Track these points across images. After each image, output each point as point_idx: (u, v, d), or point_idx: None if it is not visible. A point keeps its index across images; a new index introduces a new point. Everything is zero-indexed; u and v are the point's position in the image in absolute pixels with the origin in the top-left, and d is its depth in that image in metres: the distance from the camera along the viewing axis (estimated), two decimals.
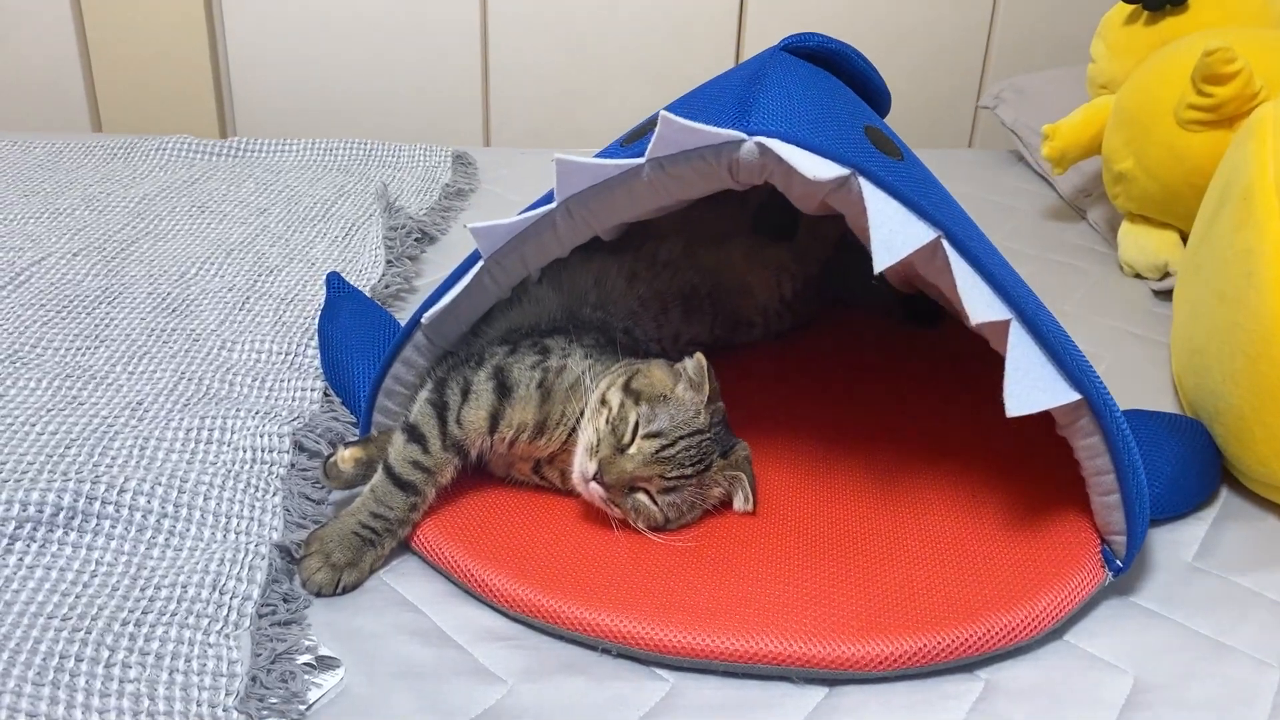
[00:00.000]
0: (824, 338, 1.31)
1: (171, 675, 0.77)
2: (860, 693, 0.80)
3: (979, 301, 0.82)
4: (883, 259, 0.80)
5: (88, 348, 1.21)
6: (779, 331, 1.27)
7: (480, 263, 0.93)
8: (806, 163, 0.81)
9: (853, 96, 1.02)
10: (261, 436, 1.03)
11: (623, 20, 2.24)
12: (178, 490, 0.95)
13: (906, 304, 1.31)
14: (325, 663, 0.80)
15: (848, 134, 0.86)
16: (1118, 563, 0.90)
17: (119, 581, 0.86)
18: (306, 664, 0.80)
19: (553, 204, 0.90)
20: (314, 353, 1.21)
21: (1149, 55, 1.56)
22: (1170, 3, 1.59)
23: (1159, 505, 0.97)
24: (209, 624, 0.82)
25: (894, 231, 0.81)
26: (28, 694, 0.73)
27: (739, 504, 0.96)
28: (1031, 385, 0.82)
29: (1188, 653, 0.85)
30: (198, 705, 0.75)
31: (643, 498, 0.92)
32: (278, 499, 0.97)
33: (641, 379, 0.95)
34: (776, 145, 0.82)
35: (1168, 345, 1.34)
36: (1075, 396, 0.83)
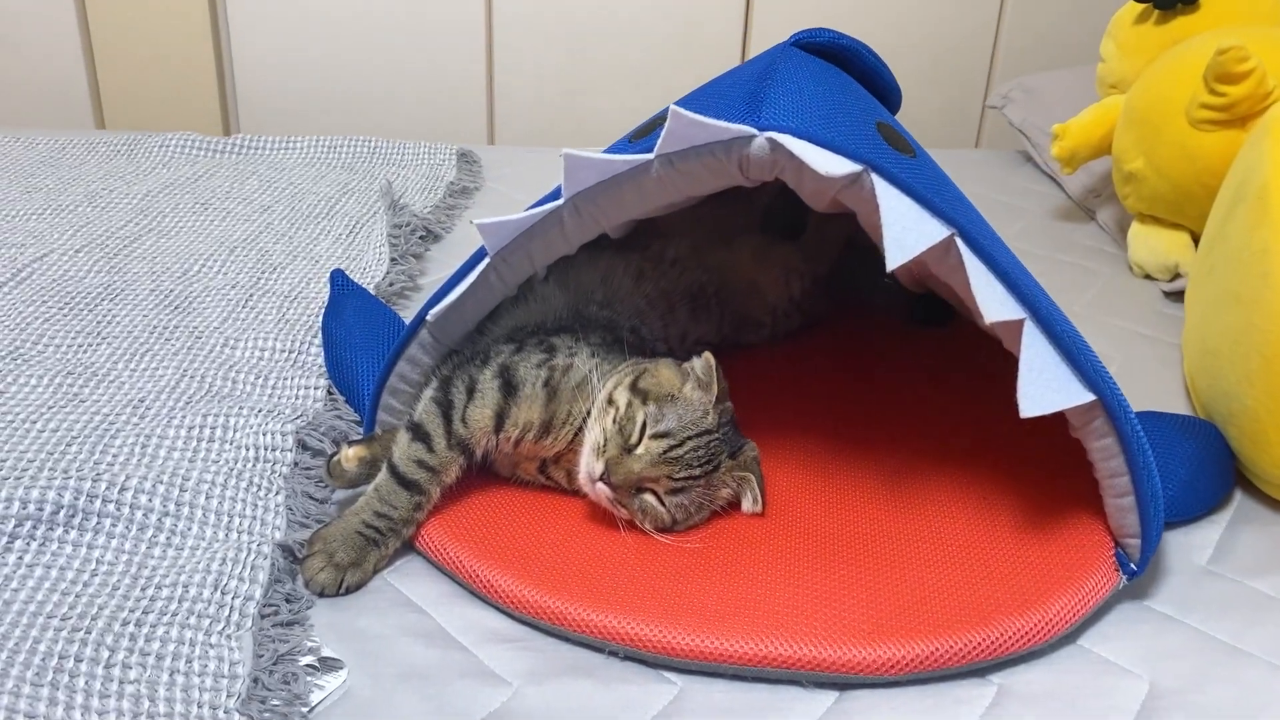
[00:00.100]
0: (833, 337, 1.30)
1: (172, 676, 0.76)
2: (871, 697, 0.79)
3: (993, 300, 0.81)
4: (895, 257, 0.79)
5: (89, 345, 1.20)
6: (787, 331, 1.26)
7: (486, 260, 0.92)
8: (818, 159, 0.80)
9: (864, 93, 1.01)
10: (264, 435, 1.02)
11: (628, 19, 2.23)
12: (179, 489, 0.94)
13: (916, 303, 1.30)
14: (328, 664, 0.79)
15: (860, 130, 0.85)
16: (1132, 566, 0.89)
17: (119, 581, 0.85)
18: (309, 665, 0.79)
19: (560, 200, 0.89)
20: (317, 350, 1.20)
21: (1160, 54, 1.55)
22: (1182, 1, 1.58)
23: (1173, 508, 0.96)
24: (210, 624, 0.81)
25: (907, 229, 0.80)
26: (26, 694, 0.72)
27: (747, 505, 0.95)
28: (1046, 386, 0.81)
29: (1203, 657, 0.84)
30: (198, 707, 0.74)
31: (650, 498, 0.91)
32: (280, 498, 0.96)
33: (649, 378, 0.94)
34: (788, 141, 0.81)
35: (1178, 347, 1.32)
36: (1090, 397, 0.82)
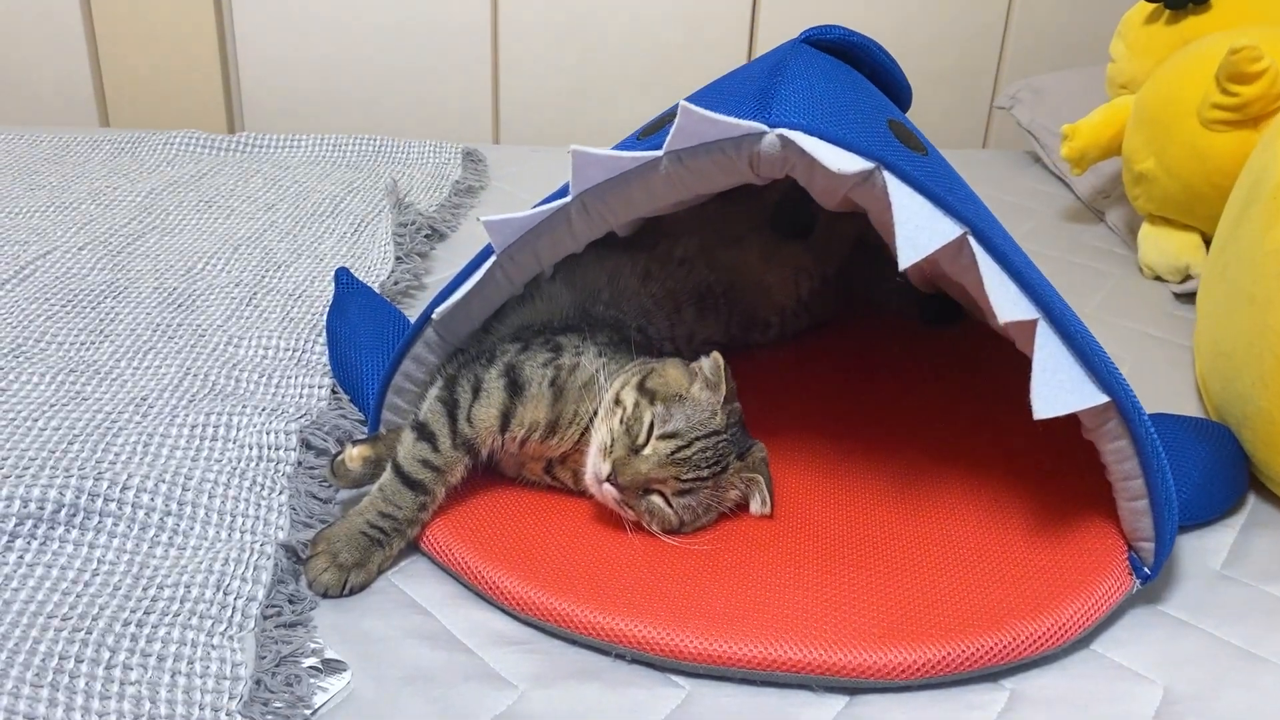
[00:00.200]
0: (841, 338, 1.28)
1: (173, 677, 0.75)
2: (882, 702, 0.78)
3: (1006, 300, 0.80)
4: (908, 256, 0.78)
5: (92, 342, 1.19)
6: (795, 332, 1.25)
7: (493, 258, 0.91)
8: (830, 156, 0.79)
9: (875, 90, 1.00)
10: (268, 434, 1.01)
11: (634, 18, 2.22)
12: (182, 488, 0.93)
13: (925, 304, 1.28)
14: (331, 666, 0.78)
15: (871, 127, 0.84)
16: (1145, 570, 0.88)
17: (121, 581, 0.84)
18: (312, 667, 0.78)
19: (567, 198, 0.88)
20: (322, 349, 1.19)
21: (1170, 54, 1.54)
22: (1193, 1, 1.57)
23: (1186, 511, 0.95)
24: (212, 625, 0.80)
25: (919, 228, 0.79)
26: (25, 695, 0.71)
27: (756, 507, 0.94)
28: (1059, 387, 0.80)
29: (1218, 663, 0.83)
30: (200, 709, 0.73)
31: (657, 500, 0.90)
32: (284, 497, 0.95)
33: (656, 378, 0.93)
34: (799, 138, 0.80)
35: (1189, 348, 1.31)
36: (1104, 399, 0.80)
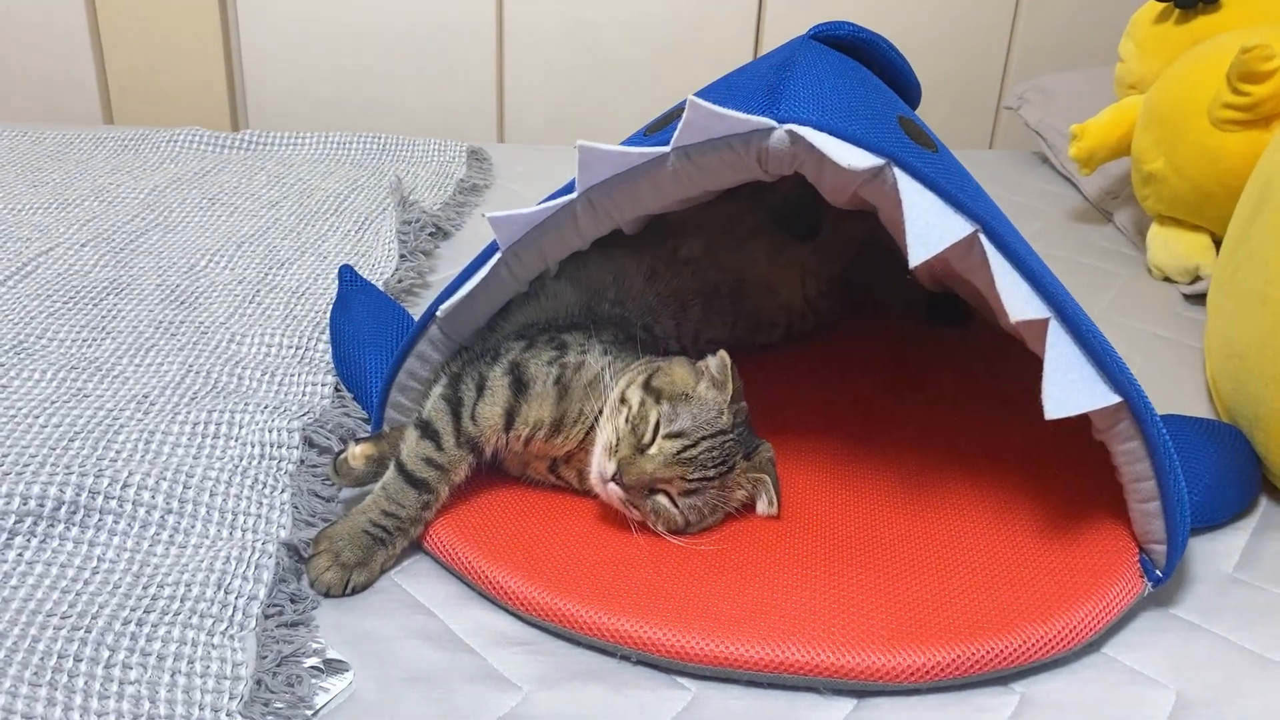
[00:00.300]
0: (848, 338, 1.27)
1: (173, 677, 0.74)
2: (890, 705, 0.77)
3: (1017, 299, 0.79)
4: (918, 253, 0.77)
5: (94, 339, 1.18)
6: (802, 332, 1.24)
7: (498, 254, 0.91)
8: (840, 152, 0.78)
9: (884, 87, 0.99)
10: (270, 432, 1.00)
11: (640, 17, 2.21)
12: (183, 486, 0.92)
13: (932, 304, 1.27)
14: (333, 666, 0.78)
15: (881, 124, 0.83)
16: (1157, 573, 0.87)
17: (121, 579, 0.83)
18: (314, 667, 0.77)
19: (573, 194, 0.87)
20: (325, 347, 1.18)
21: (1181, 54, 1.52)
22: (1203, 1, 1.55)
23: (1197, 514, 0.93)
24: (213, 624, 0.79)
25: (930, 225, 0.78)
26: (24, 694, 0.71)
27: (762, 507, 0.93)
28: (1071, 387, 0.79)
29: (1232, 667, 0.82)
30: (200, 709, 0.72)
31: (663, 500, 0.89)
32: (286, 496, 0.94)
33: (662, 377, 0.92)
34: (808, 133, 0.79)
35: (1199, 350, 1.30)
36: (1116, 399, 0.79)
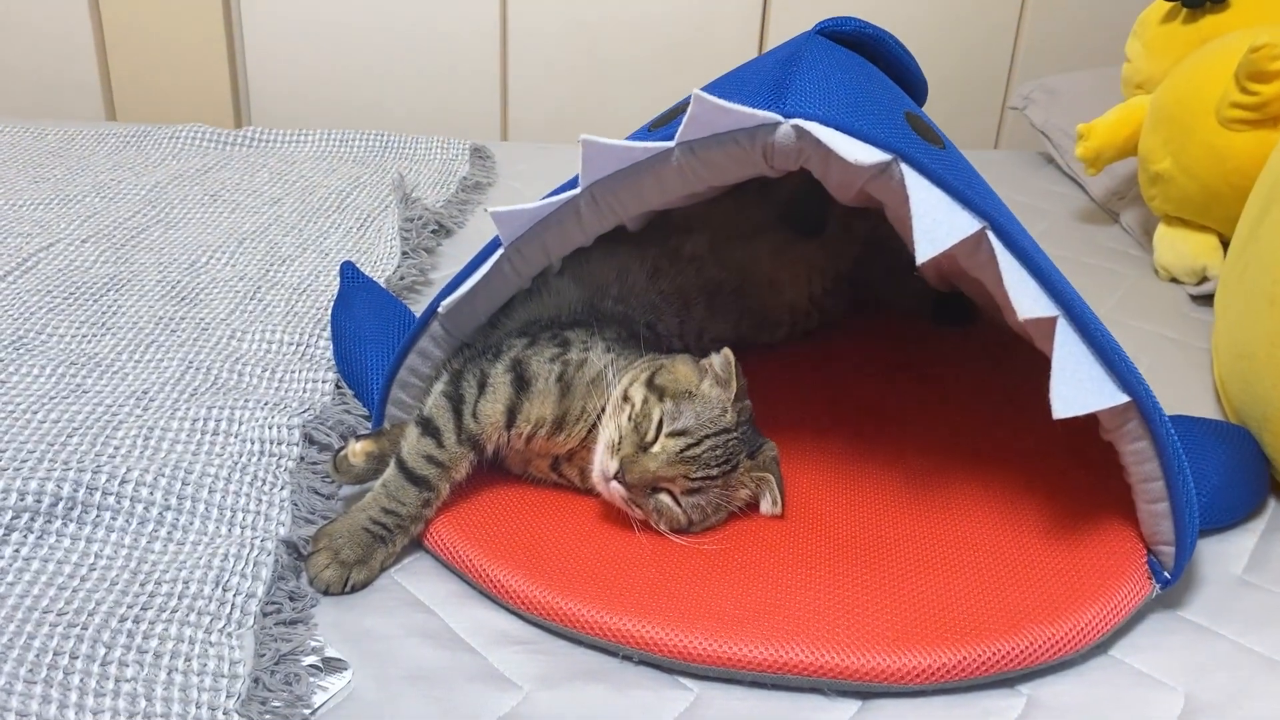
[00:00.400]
0: (853, 337, 1.27)
1: (170, 675, 0.73)
2: (895, 707, 0.76)
3: (1025, 296, 0.78)
4: (925, 250, 0.76)
5: (94, 335, 1.17)
6: (806, 330, 1.23)
7: (500, 250, 0.90)
8: (847, 147, 0.77)
9: (891, 83, 0.98)
10: (270, 428, 0.99)
11: (644, 15, 2.21)
12: (181, 482, 0.91)
13: (938, 303, 1.27)
14: (332, 664, 0.77)
15: (888, 119, 0.82)
16: (1165, 574, 0.86)
17: (118, 576, 0.83)
18: (312, 665, 0.76)
19: (577, 189, 0.86)
20: (326, 344, 1.18)
21: (1188, 54, 1.52)
22: (1211, 0, 1.54)
23: (1206, 515, 0.93)
24: (211, 622, 0.78)
25: (938, 221, 0.77)
26: (19, 692, 0.70)
27: (766, 507, 0.93)
28: (1079, 386, 0.78)
29: (1241, 670, 0.81)
30: (197, 707, 0.71)
31: (666, 499, 0.88)
32: (285, 493, 0.93)
33: (666, 374, 0.91)
34: (815, 128, 0.78)
35: (1206, 350, 1.29)
36: (1125, 398, 0.79)
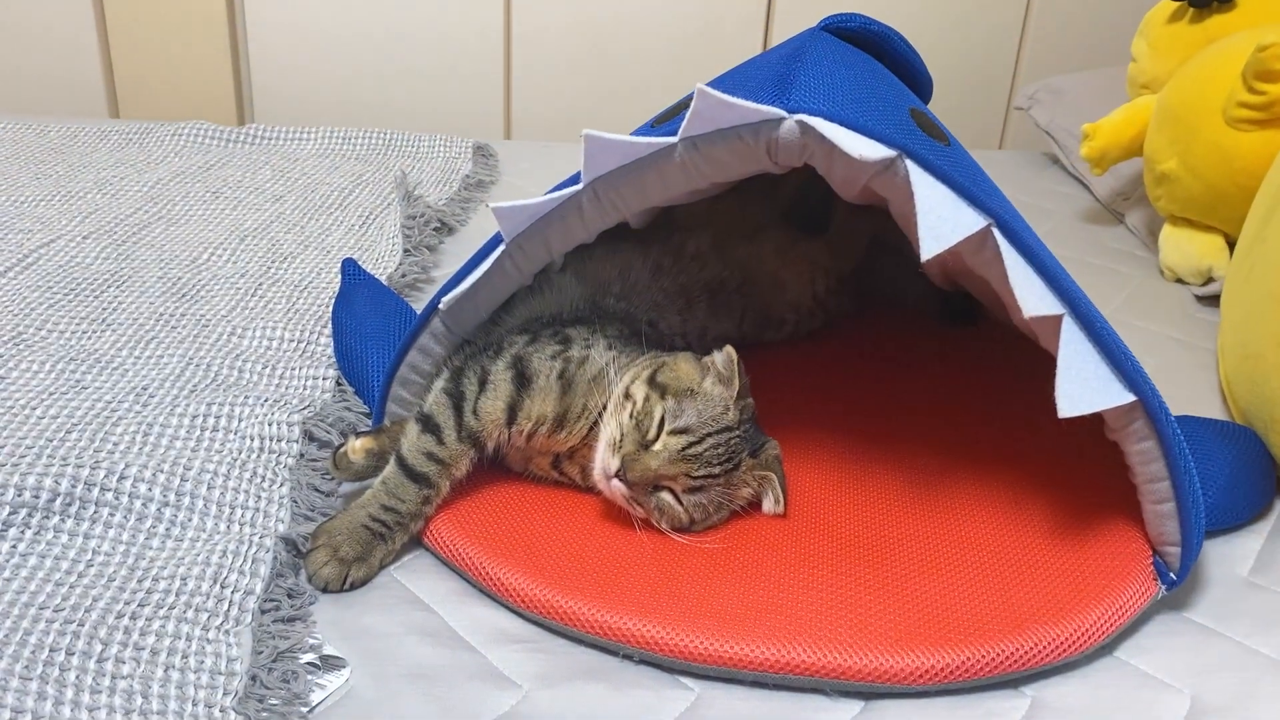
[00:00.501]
0: (857, 336, 1.26)
1: (167, 672, 0.73)
2: (898, 707, 0.76)
3: (1031, 294, 0.77)
4: (930, 247, 0.75)
5: (94, 331, 1.17)
6: (810, 329, 1.22)
7: (502, 246, 0.89)
8: (851, 142, 0.77)
9: (896, 79, 0.97)
10: (270, 425, 0.99)
11: (648, 14, 2.20)
12: (180, 478, 0.91)
13: (942, 302, 1.26)
14: (330, 662, 0.76)
15: (893, 115, 0.82)
16: (1171, 575, 0.85)
17: (115, 572, 0.82)
18: (310, 663, 0.76)
19: (579, 185, 0.86)
20: (326, 340, 1.17)
21: (1194, 53, 1.51)
22: (1217, 0, 1.54)
23: (1212, 515, 0.92)
24: (208, 619, 0.78)
25: (943, 218, 0.76)
26: (14, 688, 0.69)
27: (769, 506, 0.92)
28: (1085, 385, 0.77)
29: (1248, 672, 0.80)
30: (193, 705, 0.71)
31: (667, 497, 0.87)
32: (285, 490, 0.93)
33: (668, 372, 0.91)
34: (819, 124, 0.78)
35: (1212, 351, 1.29)
36: (1131, 398, 0.78)
